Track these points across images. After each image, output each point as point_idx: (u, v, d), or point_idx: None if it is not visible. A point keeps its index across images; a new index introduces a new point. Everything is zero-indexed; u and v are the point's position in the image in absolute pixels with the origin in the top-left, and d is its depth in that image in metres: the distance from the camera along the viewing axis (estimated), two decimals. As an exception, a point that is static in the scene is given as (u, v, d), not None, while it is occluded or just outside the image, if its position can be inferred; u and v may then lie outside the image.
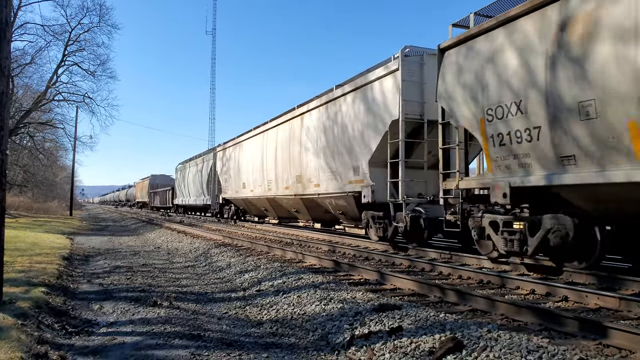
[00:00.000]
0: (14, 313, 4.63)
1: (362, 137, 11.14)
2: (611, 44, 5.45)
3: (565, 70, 6.00)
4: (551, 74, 6.19)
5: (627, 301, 4.86)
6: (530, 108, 6.52)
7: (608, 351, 3.53)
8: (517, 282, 6.14)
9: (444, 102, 8.32)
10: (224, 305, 6.08)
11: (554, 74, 6.15)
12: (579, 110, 5.83)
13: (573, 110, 5.91)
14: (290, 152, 15.42)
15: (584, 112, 5.78)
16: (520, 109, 6.67)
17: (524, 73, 6.61)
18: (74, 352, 4.06)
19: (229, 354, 3.99)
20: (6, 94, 4.99)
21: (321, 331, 4.65)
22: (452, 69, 8.02)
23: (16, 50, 29.65)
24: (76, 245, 13.76)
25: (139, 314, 5.41)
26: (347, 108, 11.91)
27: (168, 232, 18.00)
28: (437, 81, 8.43)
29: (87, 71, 32.24)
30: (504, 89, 6.91)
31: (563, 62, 6.02)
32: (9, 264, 7.32)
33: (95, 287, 7.30)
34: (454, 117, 8.11)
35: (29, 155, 38.18)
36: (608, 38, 5.49)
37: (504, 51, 6.97)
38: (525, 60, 6.59)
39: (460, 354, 3.48)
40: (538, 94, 6.38)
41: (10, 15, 5.05)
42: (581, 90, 5.80)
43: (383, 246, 10.71)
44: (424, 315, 4.45)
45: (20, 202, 33.60)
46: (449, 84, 8.07)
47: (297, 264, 8.50)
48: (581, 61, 5.79)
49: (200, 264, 9.91)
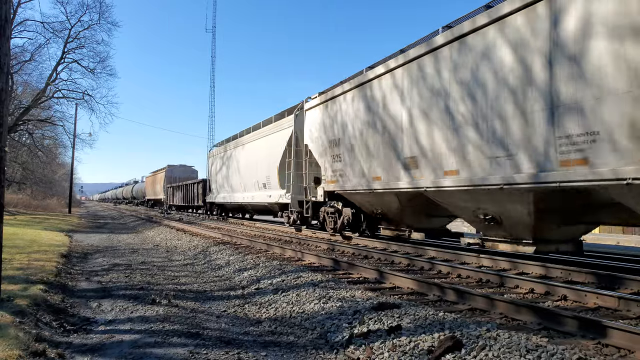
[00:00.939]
0: (12, 310, 4.62)
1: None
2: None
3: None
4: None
5: (626, 300, 4.85)
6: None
7: (607, 350, 3.52)
8: (516, 281, 6.13)
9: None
10: (223, 304, 6.07)
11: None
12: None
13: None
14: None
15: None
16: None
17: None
18: (72, 349, 4.05)
19: (227, 352, 3.98)
20: (5, 91, 4.97)
21: (320, 330, 4.64)
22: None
23: (16, 47, 29.68)
24: (75, 242, 13.75)
25: (138, 311, 5.40)
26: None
27: (167, 229, 17.99)
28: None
29: (86, 68, 32.22)
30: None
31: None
32: (7, 262, 7.31)
33: (94, 284, 7.29)
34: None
35: (28, 152, 38.15)
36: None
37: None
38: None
39: (459, 353, 3.48)
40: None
41: (9, 12, 5.03)
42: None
43: (382, 244, 10.72)
44: (423, 314, 4.45)
45: (19, 199, 33.61)
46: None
47: (296, 262, 8.49)
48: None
49: (199, 261, 9.90)
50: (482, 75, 7.38)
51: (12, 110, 29.49)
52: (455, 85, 7.94)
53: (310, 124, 13.72)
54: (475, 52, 7.54)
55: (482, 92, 7.38)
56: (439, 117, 8.33)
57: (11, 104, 28.57)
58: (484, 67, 7.36)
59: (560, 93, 6.15)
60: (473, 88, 7.56)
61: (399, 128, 9.44)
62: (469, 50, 7.67)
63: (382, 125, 10.04)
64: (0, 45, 4.82)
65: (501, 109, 7.06)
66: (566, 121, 6.08)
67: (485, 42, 7.33)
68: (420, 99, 8.85)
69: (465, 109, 7.72)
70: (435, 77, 8.44)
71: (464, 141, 7.76)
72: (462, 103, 7.80)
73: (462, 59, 7.79)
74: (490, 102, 7.24)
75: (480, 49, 7.43)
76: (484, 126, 7.36)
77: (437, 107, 8.39)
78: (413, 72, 9.04)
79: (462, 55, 7.81)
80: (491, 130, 7.23)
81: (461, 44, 7.81)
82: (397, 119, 9.53)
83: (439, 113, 8.34)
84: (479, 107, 7.46)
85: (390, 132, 9.75)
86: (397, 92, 9.54)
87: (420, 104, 8.83)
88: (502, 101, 7.03)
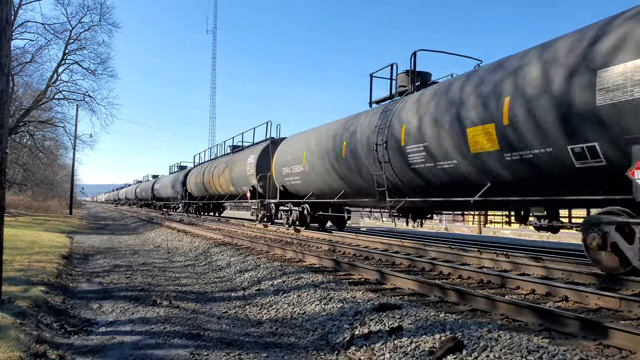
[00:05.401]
0: (13, 312, 4.62)
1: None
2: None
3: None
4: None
5: (627, 301, 4.84)
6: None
7: (608, 351, 3.51)
8: (518, 282, 6.13)
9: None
10: (224, 305, 6.07)
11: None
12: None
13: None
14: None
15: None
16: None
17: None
18: (73, 351, 4.05)
19: (228, 354, 3.97)
20: (6, 93, 4.97)
21: (321, 331, 4.64)
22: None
23: (16, 49, 29.59)
24: (76, 244, 13.75)
25: (139, 313, 5.40)
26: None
27: (168, 231, 17.99)
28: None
29: (87, 70, 32.18)
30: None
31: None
32: (8, 263, 7.31)
33: (95, 286, 7.29)
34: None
35: (29, 153, 38.18)
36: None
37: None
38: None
39: (461, 354, 3.47)
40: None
41: (10, 13, 5.04)
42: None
43: (383, 245, 10.73)
44: (424, 315, 4.44)
45: (20, 200, 33.64)
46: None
47: (297, 263, 8.48)
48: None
49: (200, 263, 9.90)
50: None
51: (13, 112, 29.52)
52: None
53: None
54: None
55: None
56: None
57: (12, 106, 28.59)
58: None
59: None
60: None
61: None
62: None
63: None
64: (1, 47, 4.82)
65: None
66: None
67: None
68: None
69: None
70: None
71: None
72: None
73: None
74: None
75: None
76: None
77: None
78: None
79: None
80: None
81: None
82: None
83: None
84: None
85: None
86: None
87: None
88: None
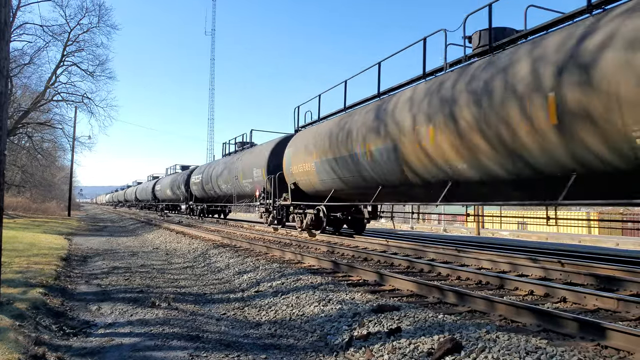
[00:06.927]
0: (12, 314, 4.62)
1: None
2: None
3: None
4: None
5: (625, 302, 4.86)
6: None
7: (606, 352, 3.52)
8: (516, 283, 6.14)
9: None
10: (223, 306, 6.07)
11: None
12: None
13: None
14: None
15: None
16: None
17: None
18: (71, 353, 4.05)
19: (227, 355, 3.98)
20: (5, 94, 4.98)
21: (320, 332, 4.64)
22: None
23: (15, 51, 29.64)
24: (74, 245, 13.74)
25: (137, 315, 5.39)
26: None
27: (166, 232, 17.98)
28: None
29: (86, 72, 32.22)
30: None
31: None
32: (6, 265, 7.31)
33: (94, 288, 7.28)
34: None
35: (27, 155, 38.09)
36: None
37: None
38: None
39: (459, 355, 3.48)
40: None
41: (9, 15, 5.04)
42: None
43: (381, 247, 10.72)
44: (423, 316, 4.45)
45: (18, 202, 33.54)
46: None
47: (295, 265, 8.48)
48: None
49: (199, 264, 9.90)
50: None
51: (12, 114, 29.49)
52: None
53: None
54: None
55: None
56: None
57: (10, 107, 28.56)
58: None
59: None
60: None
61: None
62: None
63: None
64: (0, 49, 4.83)
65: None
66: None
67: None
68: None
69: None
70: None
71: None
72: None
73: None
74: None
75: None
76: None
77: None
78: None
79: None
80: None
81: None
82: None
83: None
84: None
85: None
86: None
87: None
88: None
